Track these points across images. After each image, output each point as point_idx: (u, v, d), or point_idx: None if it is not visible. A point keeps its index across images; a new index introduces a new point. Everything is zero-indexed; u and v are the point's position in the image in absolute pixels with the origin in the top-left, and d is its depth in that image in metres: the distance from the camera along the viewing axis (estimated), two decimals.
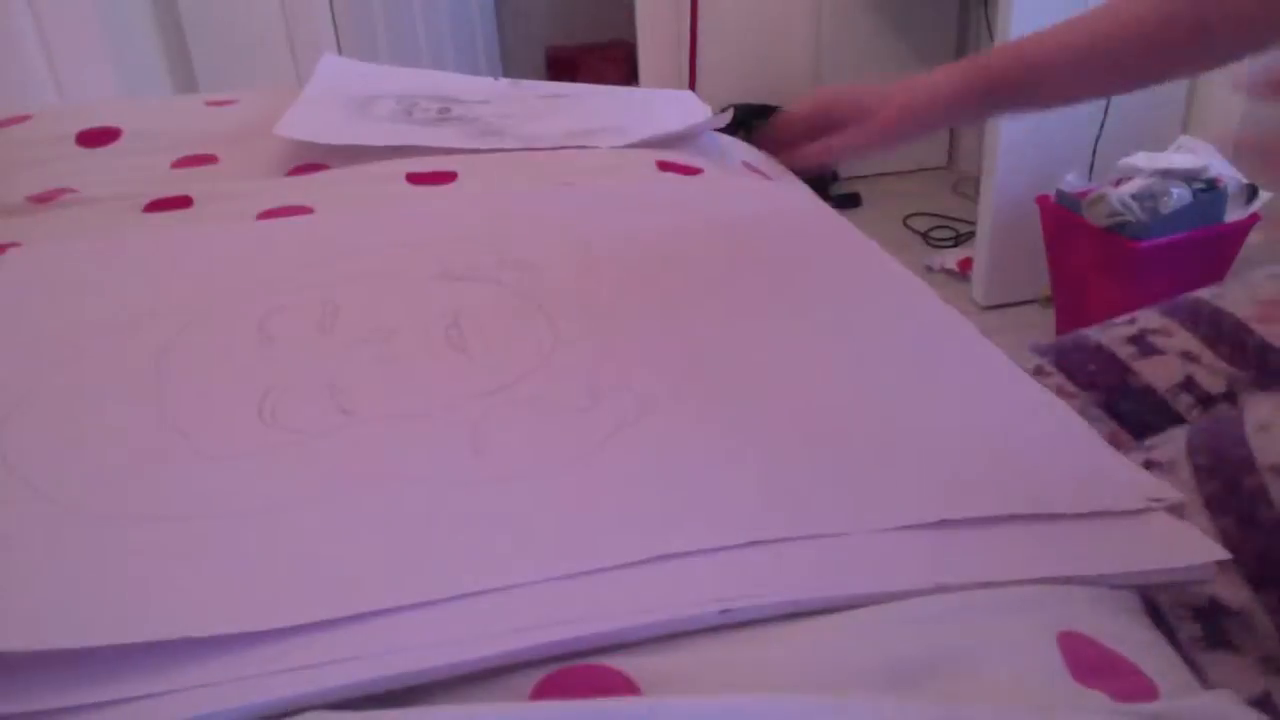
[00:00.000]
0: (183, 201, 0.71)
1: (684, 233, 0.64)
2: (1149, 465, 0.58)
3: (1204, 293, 0.72)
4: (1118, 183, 1.65)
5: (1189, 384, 0.68)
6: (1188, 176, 1.60)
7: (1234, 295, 0.70)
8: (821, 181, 2.63)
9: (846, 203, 2.62)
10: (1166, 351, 0.69)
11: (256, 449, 0.42)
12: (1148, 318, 0.72)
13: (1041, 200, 1.80)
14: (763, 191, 0.76)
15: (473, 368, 0.47)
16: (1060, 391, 0.67)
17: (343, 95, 0.89)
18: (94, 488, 0.40)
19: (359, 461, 0.41)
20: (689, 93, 0.96)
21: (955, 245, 2.37)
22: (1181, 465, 0.57)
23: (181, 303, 0.55)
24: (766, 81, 2.68)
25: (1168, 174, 1.60)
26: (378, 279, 0.56)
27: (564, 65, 3.60)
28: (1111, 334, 0.72)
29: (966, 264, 2.18)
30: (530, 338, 0.50)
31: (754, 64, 2.69)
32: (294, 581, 0.34)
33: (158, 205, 0.70)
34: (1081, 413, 0.51)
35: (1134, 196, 1.58)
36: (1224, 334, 0.68)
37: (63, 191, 0.73)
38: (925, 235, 2.44)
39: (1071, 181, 1.75)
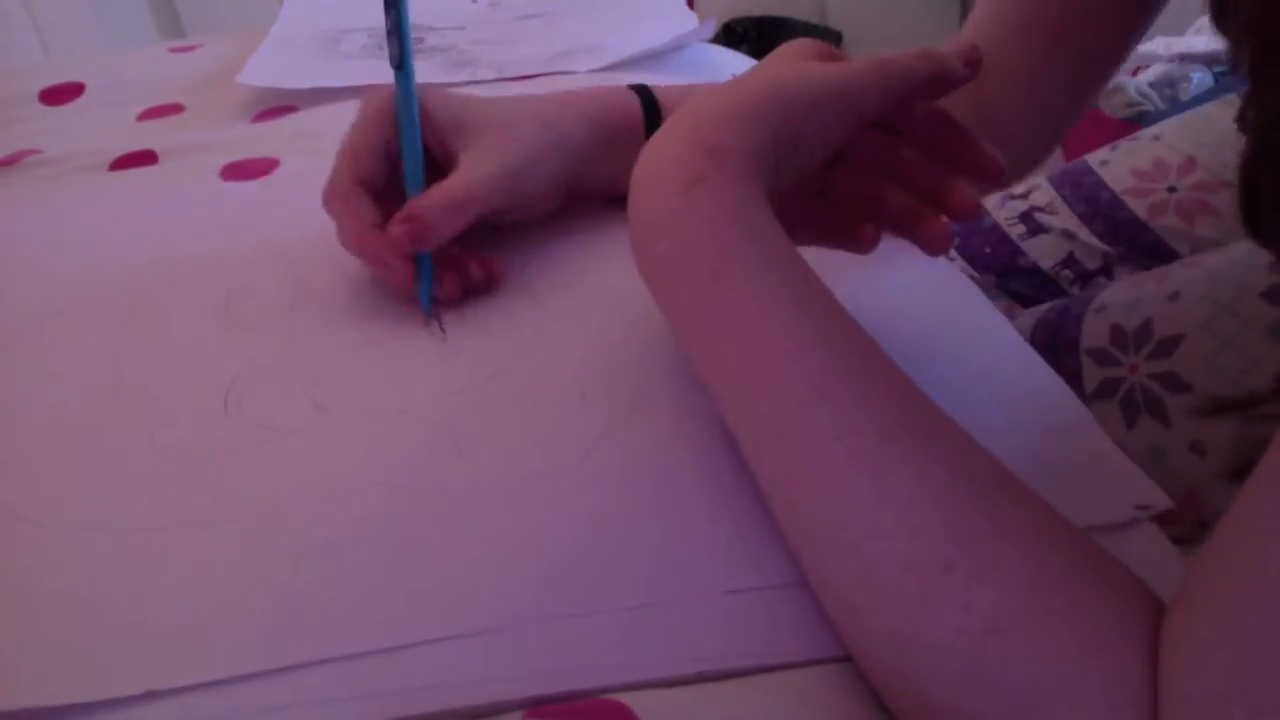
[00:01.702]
0: (147, 157, 0.68)
1: None
2: None
3: (1094, 158, 0.77)
4: (1134, 71, 1.58)
5: (1070, 260, 0.75)
6: (1208, 60, 1.53)
7: (1118, 164, 0.75)
8: None
9: None
10: (1050, 230, 0.76)
11: (221, 447, 0.40)
12: (1040, 191, 0.78)
13: None
14: None
15: (454, 356, 0.44)
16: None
17: (311, 32, 0.86)
18: (43, 491, 0.38)
19: (335, 465, 0.38)
20: (677, 1, 0.91)
21: None
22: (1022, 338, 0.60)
23: (141, 276, 0.52)
24: None
25: (1186, 58, 1.53)
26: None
27: None
28: (1008, 210, 0.78)
29: None
30: (514, 319, 0.46)
31: None
32: (263, 617, 0.32)
33: (122, 163, 0.68)
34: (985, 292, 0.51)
35: (1152, 84, 1.52)
36: (1100, 210, 0.73)
37: (27, 153, 0.71)
38: None
39: None
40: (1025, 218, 0.76)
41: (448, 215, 0.46)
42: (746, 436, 0.34)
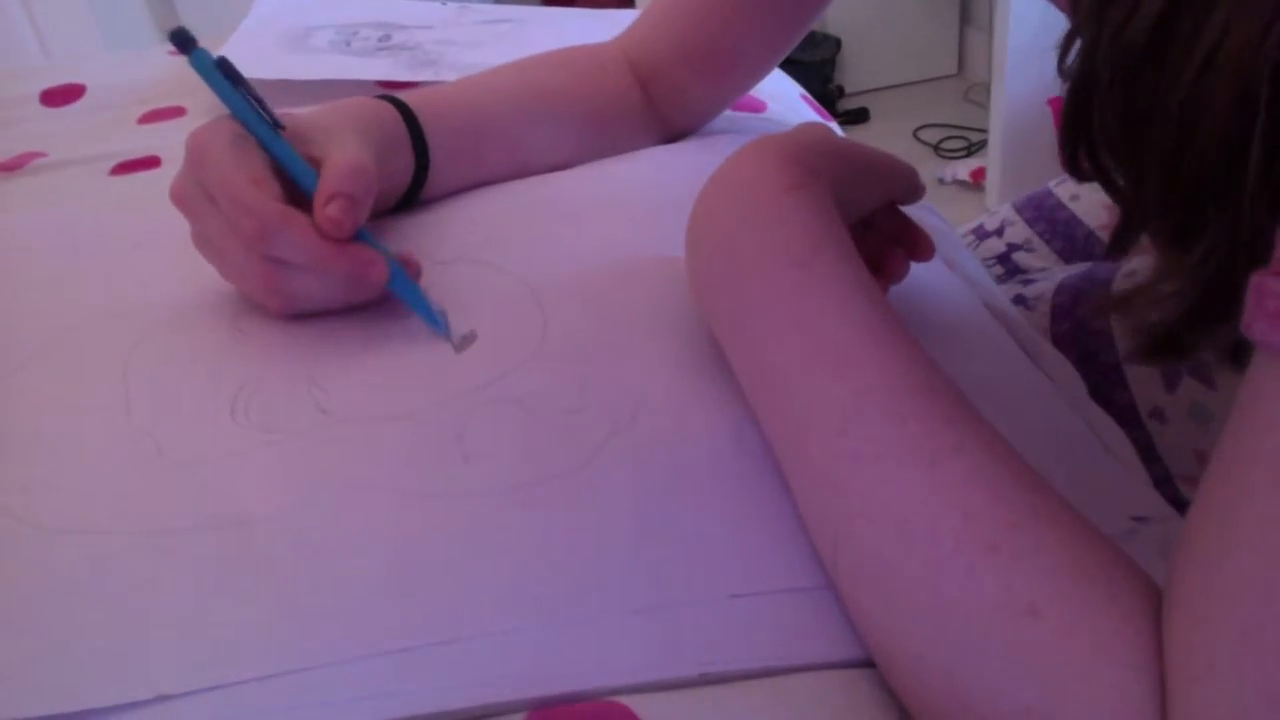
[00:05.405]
0: (151, 162, 0.68)
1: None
2: (1018, 300, 0.62)
3: (1063, 190, 0.76)
4: None
5: None
6: None
7: (1088, 198, 0.75)
8: (826, 97, 2.56)
9: (854, 118, 2.55)
10: (1029, 270, 0.74)
11: (227, 452, 0.40)
12: (1015, 228, 0.78)
13: (1054, 103, 1.74)
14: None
15: (458, 360, 0.44)
16: None
17: (280, 28, 0.85)
18: (55, 498, 0.38)
19: (341, 469, 0.38)
20: (629, 11, 0.90)
21: (967, 155, 2.32)
22: (1044, 302, 0.62)
23: (149, 293, 0.51)
24: None
25: None
26: None
27: None
28: (984, 250, 0.78)
29: (979, 174, 2.13)
30: (518, 323, 0.46)
31: None
32: (270, 620, 0.32)
33: (126, 167, 0.68)
34: None
35: None
36: (1076, 249, 0.73)
37: (31, 156, 0.71)
38: (936, 147, 2.38)
39: None
40: (1003, 259, 0.76)
41: (360, 180, 0.45)
42: (801, 417, 0.35)
